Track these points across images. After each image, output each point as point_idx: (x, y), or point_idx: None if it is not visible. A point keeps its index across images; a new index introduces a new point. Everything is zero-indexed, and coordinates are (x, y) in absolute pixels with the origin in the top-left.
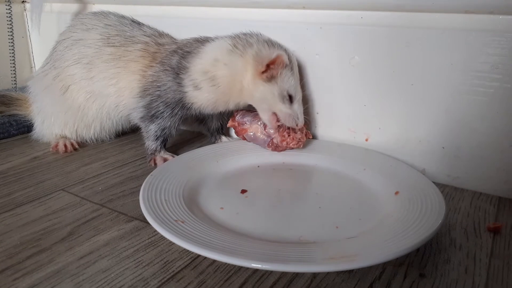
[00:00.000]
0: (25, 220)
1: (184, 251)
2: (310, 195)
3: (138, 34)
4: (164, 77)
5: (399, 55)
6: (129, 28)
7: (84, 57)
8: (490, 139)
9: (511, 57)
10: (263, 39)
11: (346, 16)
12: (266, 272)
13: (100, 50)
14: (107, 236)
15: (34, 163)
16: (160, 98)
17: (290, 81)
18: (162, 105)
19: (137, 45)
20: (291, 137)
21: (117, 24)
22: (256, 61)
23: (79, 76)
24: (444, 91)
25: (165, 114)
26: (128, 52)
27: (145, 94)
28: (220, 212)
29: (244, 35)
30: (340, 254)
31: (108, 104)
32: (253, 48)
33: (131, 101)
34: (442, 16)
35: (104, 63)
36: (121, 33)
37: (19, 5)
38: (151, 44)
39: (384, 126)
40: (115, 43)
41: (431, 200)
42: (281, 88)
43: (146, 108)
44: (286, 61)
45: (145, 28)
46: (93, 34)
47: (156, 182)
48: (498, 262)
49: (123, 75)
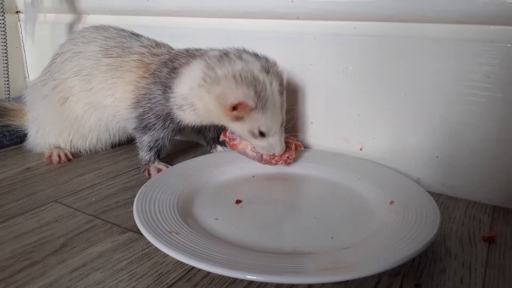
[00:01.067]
0: (17, 232)
1: (178, 263)
2: (305, 205)
3: (135, 45)
4: (155, 89)
5: (393, 65)
6: (127, 40)
7: (83, 69)
8: (483, 147)
9: (503, 66)
10: (233, 73)
11: (339, 27)
12: (262, 283)
13: (99, 61)
14: (100, 248)
15: (27, 174)
16: (151, 111)
17: (260, 121)
18: (153, 117)
19: (133, 55)
20: (278, 156)
21: (116, 36)
22: (219, 102)
23: (78, 88)
24: (437, 101)
25: (157, 126)
26: (125, 62)
27: (137, 105)
28: (214, 223)
29: (219, 60)
30: (336, 265)
31: (106, 115)
32: (219, 86)
33: (125, 112)
34: (434, 26)
35: (102, 74)
36: (119, 45)
37: (13, 15)
38: (147, 55)
39: (378, 136)
40: (113, 54)
41: (426, 210)
42: (251, 127)
43: (139, 119)
44: (252, 106)
45: (143, 39)
46: (92, 46)
47: (150, 193)
48: (493, 272)
49: (119, 86)
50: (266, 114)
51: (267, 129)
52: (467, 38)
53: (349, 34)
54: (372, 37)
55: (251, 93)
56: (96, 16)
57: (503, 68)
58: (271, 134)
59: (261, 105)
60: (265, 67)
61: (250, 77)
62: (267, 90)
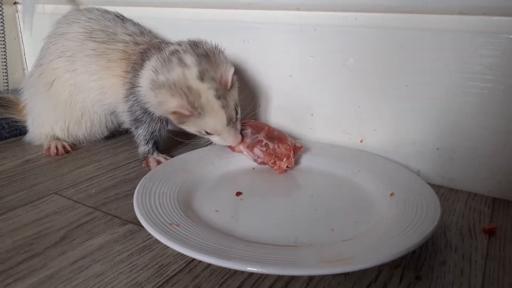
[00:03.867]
0: (17, 224)
1: (178, 255)
2: (305, 197)
3: (120, 32)
4: (134, 83)
5: (393, 56)
6: (112, 24)
7: (67, 50)
8: (484, 140)
9: (505, 58)
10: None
11: (340, 18)
12: (262, 275)
13: (83, 44)
14: (100, 240)
15: (27, 166)
16: (138, 103)
17: (200, 124)
18: (139, 110)
19: (118, 44)
20: (277, 166)
21: (100, 18)
22: (161, 108)
23: (62, 69)
24: (438, 93)
25: (145, 119)
26: (110, 50)
27: (126, 99)
28: (215, 215)
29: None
30: (336, 257)
31: (91, 97)
32: (160, 93)
33: (119, 105)
34: (436, 18)
35: (86, 57)
36: (104, 28)
37: (11, 6)
38: (130, 44)
39: (379, 128)
40: (97, 39)
41: (426, 202)
42: (196, 128)
43: (129, 112)
44: (186, 114)
45: (128, 25)
46: (75, 27)
47: (150, 185)
48: (493, 264)
49: (105, 75)
50: (205, 119)
51: (211, 130)
52: (469, 29)
53: (350, 26)
54: (373, 28)
55: (184, 103)
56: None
57: (504, 59)
58: (218, 133)
59: (198, 112)
60: (201, 74)
61: (184, 87)
62: (201, 98)
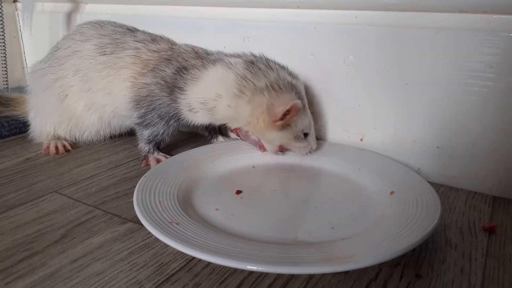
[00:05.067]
0: (17, 222)
1: (178, 253)
2: (305, 195)
3: (130, 40)
4: (158, 91)
5: (394, 54)
6: (121, 36)
7: (80, 69)
8: (484, 138)
9: (505, 56)
10: (271, 82)
11: (340, 16)
12: (262, 273)
13: (94, 60)
14: (100, 238)
15: (27, 165)
16: (155, 111)
17: (304, 122)
18: (156, 117)
19: (128, 51)
20: None
21: (111, 33)
22: (269, 114)
23: (77, 88)
24: (439, 91)
25: (159, 124)
26: (119, 59)
27: (139, 106)
28: (215, 213)
29: (251, 71)
30: (336, 255)
31: (107, 114)
32: (264, 98)
33: (124, 107)
34: (436, 16)
35: (97, 74)
36: (114, 41)
37: (11, 4)
38: (143, 50)
39: (379, 126)
40: (107, 52)
41: (427, 200)
42: (296, 132)
43: (141, 119)
44: (300, 107)
45: (138, 34)
46: (88, 45)
47: (150, 183)
48: (493, 262)
49: (115, 83)
50: (307, 114)
51: (309, 128)
52: (469, 27)
53: (350, 24)
54: (373, 26)
55: (295, 96)
56: (94, 5)
57: (505, 57)
58: (311, 131)
59: (303, 105)
60: (291, 74)
61: (288, 84)
62: (301, 92)
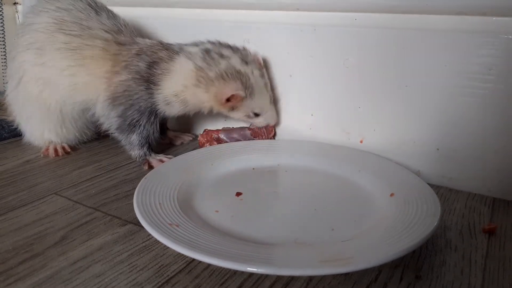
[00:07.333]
0: (17, 224)
1: (179, 255)
2: (305, 197)
3: (96, 27)
4: (134, 86)
5: (393, 56)
6: (85, 15)
7: (35, 41)
8: (484, 140)
9: (504, 58)
10: (220, 73)
11: (339, 18)
12: (262, 275)
13: (53, 36)
14: (100, 240)
15: (27, 167)
16: (133, 107)
17: (252, 105)
18: (136, 113)
19: (96, 41)
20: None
21: (70, 8)
22: (217, 99)
23: (30, 62)
24: (438, 93)
25: (141, 122)
26: (86, 46)
27: (116, 103)
28: (215, 215)
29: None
30: (336, 257)
31: (61, 94)
32: (214, 86)
33: (99, 106)
34: (435, 18)
35: (57, 51)
36: (77, 20)
37: (11, 6)
38: (111, 42)
39: (379, 128)
40: (70, 32)
41: (426, 202)
42: (245, 112)
43: (121, 117)
44: (242, 95)
45: (104, 20)
46: (44, 17)
47: (150, 185)
48: (493, 264)
49: (82, 73)
50: (255, 98)
51: (260, 109)
52: (468, 29)
53: (349, 26)
54: (373, 28)
55: (239, 85)
56: None
57: (504, 59)
58: (264, 112)
59: (249, 93)
60: (243, 59)
61: (235, 72)
62: (251, 79)
